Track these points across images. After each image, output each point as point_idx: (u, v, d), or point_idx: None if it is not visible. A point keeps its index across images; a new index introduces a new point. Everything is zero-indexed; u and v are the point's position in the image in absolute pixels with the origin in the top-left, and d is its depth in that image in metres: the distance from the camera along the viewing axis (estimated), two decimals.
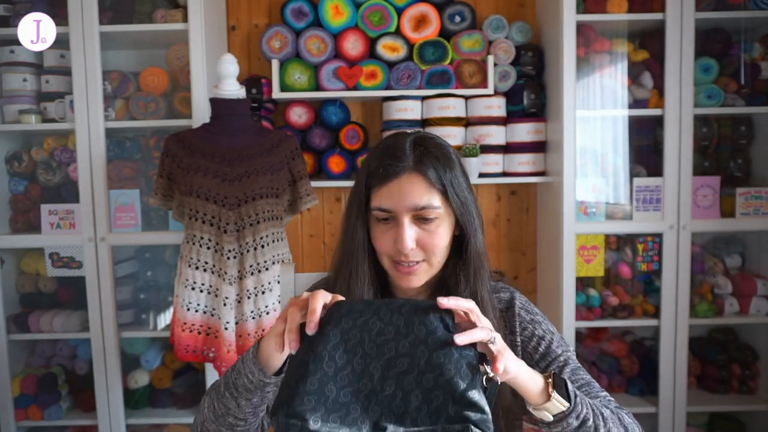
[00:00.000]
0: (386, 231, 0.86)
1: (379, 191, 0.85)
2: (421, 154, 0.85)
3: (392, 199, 0.84)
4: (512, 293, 0.96)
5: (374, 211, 0.86)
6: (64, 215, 2.12)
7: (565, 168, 2.04)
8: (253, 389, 0.78)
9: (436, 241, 0.85)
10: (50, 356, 2.31)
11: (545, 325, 0.94)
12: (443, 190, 0.85)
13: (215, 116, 1.86)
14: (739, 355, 2.22)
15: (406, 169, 0.84)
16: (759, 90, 2.13)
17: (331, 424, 0.61)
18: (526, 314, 0.94)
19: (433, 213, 0.84)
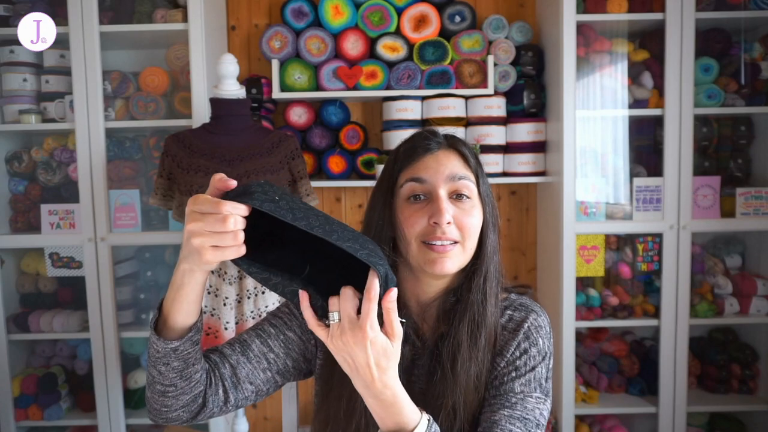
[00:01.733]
0: (419, 209, 0.83)
1: (413, 167, 0.85)
2: (455, 138, 0.89)
3: (429, 171, 0.84)
4: (527, 314, 0.89)
5: (407, 185, 0.84)
6: (64, 215, 2.12)
7: (565, 168, 2.04)
8: (163, 357, 0.76)
9: (472, 221, 0.84)
10: (50, 356, 2.31)
11: (534, 360, 0.86)
12: (476, 174, 0.87)
13: (215, 116, 1.86)
14: (739, 355, 2.22)
15: (441, 146, 0.87)
16: (759, 90, 2.13)
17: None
18: (524, 341, 0.87)
19: (468, 189, 0.84)
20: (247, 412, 2.46)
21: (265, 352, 0.89)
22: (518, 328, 0.88)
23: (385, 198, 0.86)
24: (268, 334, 0.91)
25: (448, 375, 0.83)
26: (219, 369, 0.86)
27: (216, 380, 0.85)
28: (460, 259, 0.84)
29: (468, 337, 0.84)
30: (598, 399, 2.19)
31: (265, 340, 0.90)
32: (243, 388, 0.87)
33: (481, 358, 0.84)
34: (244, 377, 0.87)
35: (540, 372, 0.86)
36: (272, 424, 2.51)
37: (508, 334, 0.88)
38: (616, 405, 2.18)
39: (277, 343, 0.90)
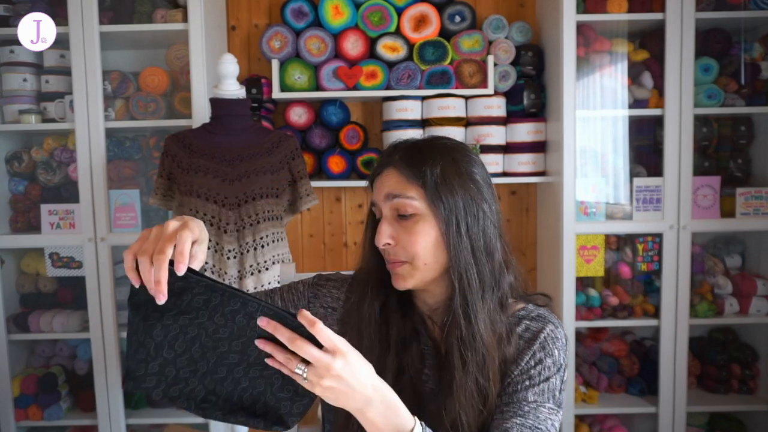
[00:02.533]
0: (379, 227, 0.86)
1: (373, 190, 0.88)
2: (407, 150, 0.86)
3: (377, 193, 0.86)
4: (544, 325, 0.87)
5: (373, 209, 0.88)
6: (64, 215, 2.12)
7: (565, 168, 2.04)
8: None
9: (413, 239, 0.81)
10: (50, 356, 2.31)
11: (549, 371, 0.85)
12: (423, 187, 0.82)
13: (215, 116, 1.86)
14: (739, 355, 2.22)
15: (387, 165, 0.86)
16: (759, 90, 2.13)
17: (171, 393, 0.73)
18: (540, 350, 0.85)
19: (409, 206, 0.82)
20: None
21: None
22: (534, 338, 0.86)
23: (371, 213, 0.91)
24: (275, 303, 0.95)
25: (446, 391, 0.82)
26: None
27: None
28: (416, 277, 0.84)
29: (460, 358, 0.82)
30: (598, 399, 2.19)
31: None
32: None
33: (477, 377, 0.82)
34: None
35: (554, 383, 0.85)
36: None
37: (524, 343, 0.86)
38: (616, 405, 2.18)
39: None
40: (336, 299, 0.95)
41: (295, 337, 0.65)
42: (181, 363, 0.71)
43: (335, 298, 0.95)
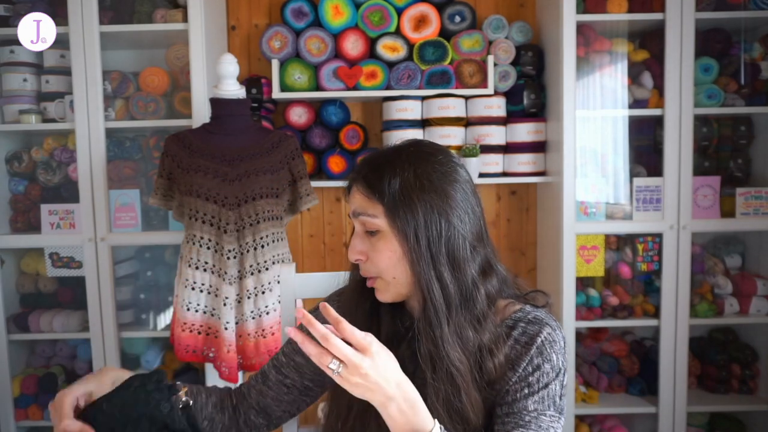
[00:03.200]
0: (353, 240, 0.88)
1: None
2: (370, 166, 0.83)
3: (351, 208, 0.86)
4: (541, 328, 0.85)
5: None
6: (64, 215, 2.12)
7: (565, 168, 2.04)
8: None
9: (378, 255, 0.82)
10: (50, 356, 2.31)
11: (547, 377, 0.83)
12: (385, 206, 0.80)
13: (215, 116, 1.86)
14: (739, 355, 2.22)
15: (353, 182, 0.86)
16: (759, 90, 2.13)
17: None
18: (538, 356, 0.83)
19: (371, 224, 0.81)
20: None
21: (281, 379, 0.97)
22: (531, 342, 0.84)
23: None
24: (281, 363, 0.98)
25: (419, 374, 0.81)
26: (246, 400, 0.98)
27: (246, 407, 0.98)
28: (392, 291, 0.84)
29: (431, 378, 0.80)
30: (598, 399, 2.19)
31: (279, 369, 0.98)
32: (273, 411, 0.98)
33: (450, 398, 0.80)
34: (270, 402, 0.97)
35: (554, 389, 0.83)
36: None
37: (521, 348, 0.84)
38: (616, 405, 2.17)
39: (290, 370, 0.97)
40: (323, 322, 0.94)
41: (328, 335, 0.68)
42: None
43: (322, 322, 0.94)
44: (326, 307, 0.70)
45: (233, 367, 1.79)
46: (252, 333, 1.80)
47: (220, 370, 1.82)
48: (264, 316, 1.81)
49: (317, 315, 0.87)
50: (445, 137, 2.20)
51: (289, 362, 0.97)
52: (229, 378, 1.79)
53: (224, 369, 1.79)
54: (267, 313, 1.81)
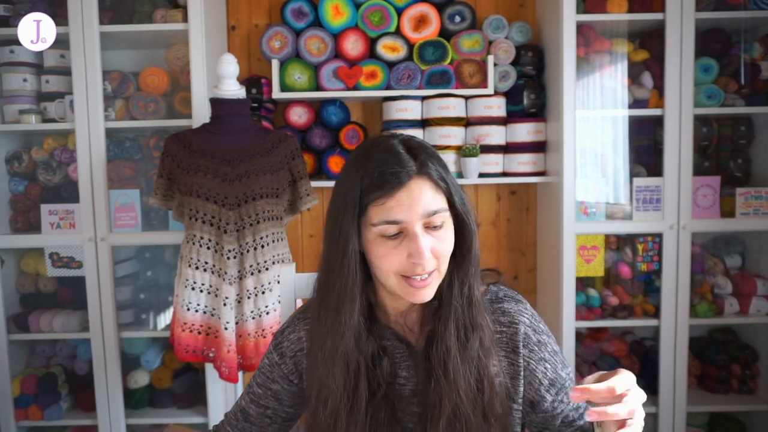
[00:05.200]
0: (395, 247, 0.78)
1: (384, 204, 0.76)
2: (419, 155, 0.79)
3: (403, 209, 0.76)
4: (518, 305, 0.89)
5: (379, 227, 0.77)
6: (64, 215, 2.12)
7: (565, 168, 2.04)
8: None
9: (448, 247, 0.80)
10: (50, 356, 2.31)
11: (551, 345, 0.89)
12: (447, 191, 0.80)
13: (215, 116, 1.86)
14: (739, 355, 2.22)
15: (412, 175, 0.77)
16: (759, 90, 2.13)
17: None
18: (534, 334, 0.87)
19: (441, 217, 0.79)
20: None
21: (262, 412, 0.94)
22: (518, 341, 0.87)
23: (351, 226, 0.79)
24: (258, 395, 0.94)
25: (442, 381, 0.81)
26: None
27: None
28: (438, 283, 0.82)
29: (457, 342, 0.82)
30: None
31: (257, 402, 0.94)
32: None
33: (476, 358, 0.82)
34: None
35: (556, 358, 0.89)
36: None
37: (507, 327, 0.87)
38: None
39: (269, 400, 0.94)
40: (298, 340, 0.91)
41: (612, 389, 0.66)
42: None
43: (297, 340, 0.92)
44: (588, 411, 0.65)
45: (233, 367, 1.79)
46: (252, 333, 1.80)
47: (220, 370, 1.82)
48: (264, 316, 1.81)
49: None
50: (445, 137, 2.20)
51: (266, 392, 0.93)
52: (229, 378, 1.79)
53: (224, 369, 1.80)
54: (267, 313, 1.81)
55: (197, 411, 2.20)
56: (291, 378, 0.92)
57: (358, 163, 0.80)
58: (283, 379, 0.92)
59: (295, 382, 0.92)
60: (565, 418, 0.88)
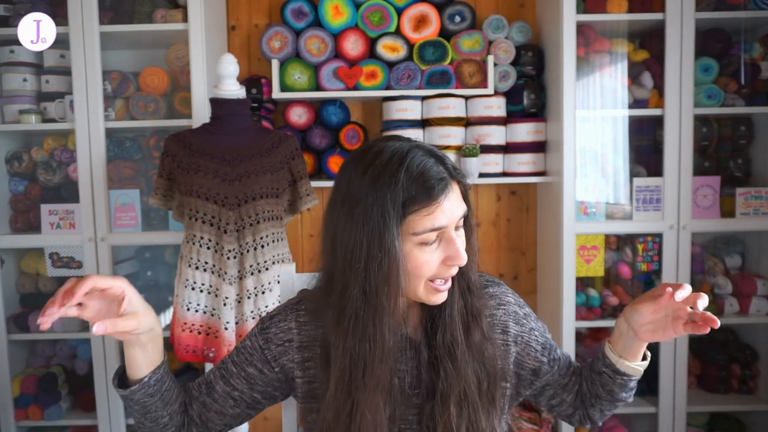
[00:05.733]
0: (432, 252, 0.79)
1: (429, 212, 0.76)
2: (444, 160, 0.81)
3: (446, 215, 0.77)
4: (500, 287, 0.95)
5: (422, 236, 0.77)
6: (64, 215, 2.12)
7: (565, 168, 2.04)
8: (125, 401, 0.86)
9: (468, 249, 0.83)
10: (50, 356, 2.31)
11: (532, 314, 0.96)
12: (465, 191, 0.83)
13: (215, 116, 1.86)
14: (739, 355, 2.22)
15: (449, 182, 0.79)
16: (759, 90, 2.13)
17: None
18: (519, 309, 0.94)
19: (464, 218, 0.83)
20: None
21: (229, 391, 0.91)
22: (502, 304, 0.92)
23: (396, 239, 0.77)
24: (230, 373, 0.92)
25: (450, 370, 0.83)
26: (188, 411, 0.92)
27: (188, 420, 0.92)
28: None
29: (461, 330, 0.85)
30: None
31: (227, 380, 0.91)
32: (214, 425, 0.92)
33: (480, 344, 0.85)
34: (213, 416, 0.92)
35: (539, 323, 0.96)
36: (272, 423, 2.51)
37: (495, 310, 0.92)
38: None
39: (240, 381, 0.91)
40: (287, 330, 0.90)
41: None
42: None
43: (286, 330, 0.90)
44: None
45: None
46: None
47: None
48: None
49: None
50: (445, 137, 2.20)
51: (239, 373, 0.91)
52: None
53: None
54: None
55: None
56: (272, 365, 0.90)
57: (389, 173, 0.77)
58: (263, 363, 0.90)
59: (275, 370, 0.90)
60: (560, 369, 0.96)
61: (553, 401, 0.98)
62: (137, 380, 0.83)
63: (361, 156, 0.81)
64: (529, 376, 0.93)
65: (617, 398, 0.94)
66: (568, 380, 0.97)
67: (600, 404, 0.95)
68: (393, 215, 0.76)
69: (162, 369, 0.85)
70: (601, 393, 0.93)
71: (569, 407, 0.98)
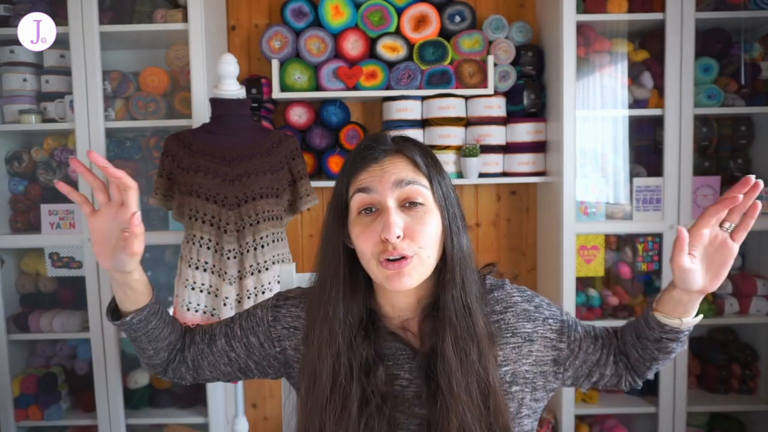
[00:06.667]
0: (369, 224, 0.79)
1: (359, 178, 0.81)
2: (402, 142, 0.84)
3: (374, 179, 0.79)
4: (504, 289, 0.90)
5: (356, 197, 0.80)
6: (64, 215, 2.12)
7: (565, 168, 2.04)
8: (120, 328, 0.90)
9: (426, 229, 0.78)
10: (50, 356, 2.31)
11: (544, 301, 0.92)
12: (428, 177, 0.81)
13: (215, 116, 1.86)
14: (739, 355, 2.22)
15: (388, 152, 0.82)
16: (759, 90, 2.13)
17: None
18: (529, 304, 0.89)
19: (420, 195, 0.79)
20: (247, 412, 2.46)
21: (227, 350, 0.93)
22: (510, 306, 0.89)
23: (337, 213, 0.84)
24: (234, 334, 0.94)
25: (447, 398, 0.79)
26: (184, 352, 0.95)
27: (181, 359, 0.95)
28: (420, 272, 0.80)
29: (456, 355, 0.80)
30: (598, 399, 2.19)
31: (229, 340, 0.94)
32: (203, 372, 0.95)
33: (478, 367, 0.81)
34: (206, 365, 0.94)
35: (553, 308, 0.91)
36: (272, 423, 2.51)
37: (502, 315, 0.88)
38: (616, 405, 2.18)
39: (240, 345, 0.93)
40: (296, 317, 0.91)
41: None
42: None
43: (295, 317, 0.91)
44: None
45: None
46: None
47: None
48: None
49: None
50: (445, 137, 2.20)
51: (242, 337, 0.92)
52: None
53: None
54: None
55: (197, 411, 2.20)
56: (274, 343, 0.91)
57: (348, 156, 0.86)
58: (265, 338, 0.92)
59: (276, 349, 0.91)
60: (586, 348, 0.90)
61: (593, 379, 0.92)
62: (125, 314, 0.88)
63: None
64: (551, 368, 0.88)
65: (675, 352, 0.90)
66: (600, 355, 0.90)
67: (657, 364, 0.91)
68: (338, 193, 0.84)
69: (146, 310, 0.88)
70: (659, 356, 0.89)
71: (613, 377, 0.92)
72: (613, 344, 0.92)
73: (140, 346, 0.92)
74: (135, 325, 0.88)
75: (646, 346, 0.88)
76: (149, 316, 0.89)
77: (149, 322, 0.89)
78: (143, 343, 0.91)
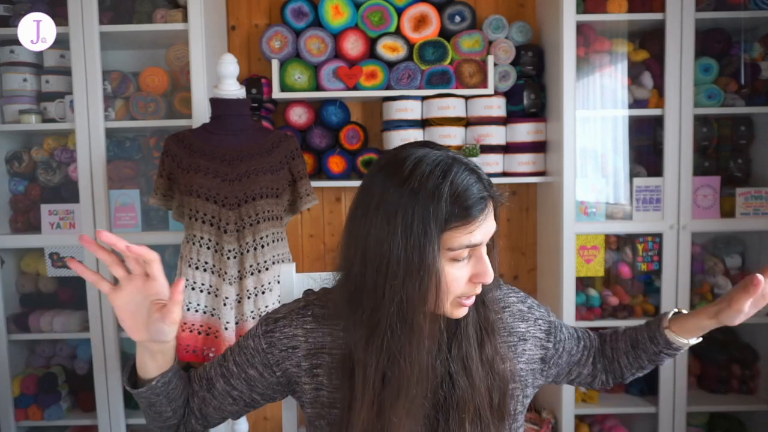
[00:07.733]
0: (462, 268, 0.78)
1: (468, 229, 0.75)
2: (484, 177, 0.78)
3: (482, 233, 0.76)
4: (501, 290, 0.94)
5: (457, 251, 0.75)
6: (64, 215, 2.12)
7: (565, 168, 2.04)
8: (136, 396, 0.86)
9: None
10: (50, 356, 2.31)
11: (534, 302, 0.96)
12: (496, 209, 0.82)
13: (215, 116, 1.86)
14: (739, 355, 2.22)
15: (488, 201, 0.78)
16: (759, 90, 2.13)
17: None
18: (522, 305, 0.94)
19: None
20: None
21: (228, 390, 0.91)
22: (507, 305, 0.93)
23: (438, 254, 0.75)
24: (231, 373, 0.91)
25: (465, 384, 0.82)
26: (189, 403, 0.92)
27: (189, 412, 0.92)
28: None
29: (475, 344, 0.84)
30: (598, 399, 2.19)
31: (228, 380, 0.91)
32: (212, 418, 0.93)
33: (492, 359, 0.85)
34: (211, 411, 0.92)
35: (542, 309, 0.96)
36: (272, 423, 2.51)
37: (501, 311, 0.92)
38: (616, 405, 2.18)
39: (239, 382, 0.91)
40: (292, 337, 0.88)
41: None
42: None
43: (291, 336, 0.89)
44: None
45: None
46: None
47: None
48: None
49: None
50: (445, 137, 2.20)
51: (240, 374, 0.90)
52: None
53: None
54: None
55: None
56: (273, 369, 0.89)
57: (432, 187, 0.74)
58: (264, 367, 0.89)
59: (277, 374, 0.89)
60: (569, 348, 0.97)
61: (572, 377, 1.01)
62: (146, 380, 0.84)
63: (397, 163, 0.77)
64: (539, 366, 0.94)
65: (663, 363, 0.98)
66: (581, 356, 0.98)
67: (642, 372, 1.00)
68: (435, 230, 0.73)
69: (170, 372, 0.85)
70: (647, 366, 0.98)
71: (588, 377, 1.01)
72: (594, 346, 1.00)
73: (158, 410, 0.87)
74: (159, 389, 0.84)
75: (639, 356, 0.96)
76: (173, 377, 0.86)
77: (171, 383, 0.86)
78: (162, 406, 0.86)
